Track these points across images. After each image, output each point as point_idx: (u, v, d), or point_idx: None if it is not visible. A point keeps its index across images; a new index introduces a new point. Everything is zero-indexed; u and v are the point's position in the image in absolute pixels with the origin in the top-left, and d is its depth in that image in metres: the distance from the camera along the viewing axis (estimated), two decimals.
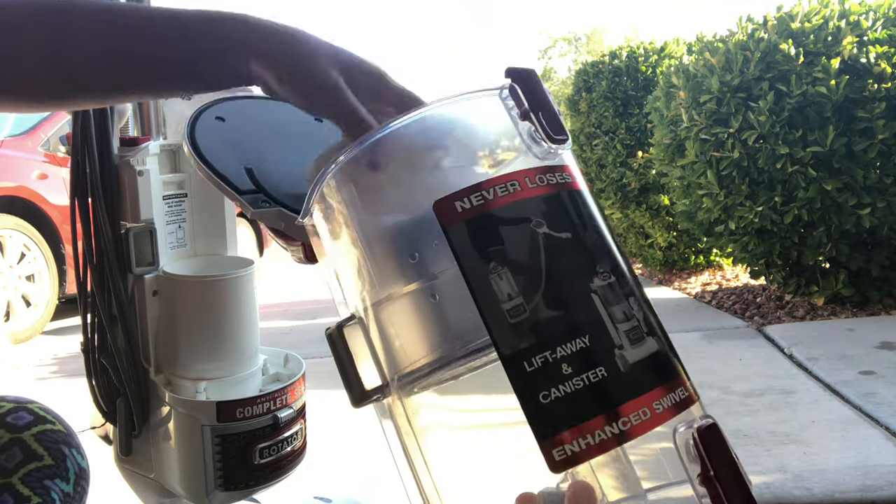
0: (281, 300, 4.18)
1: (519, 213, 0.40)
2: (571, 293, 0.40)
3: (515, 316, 0.38)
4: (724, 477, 0.37)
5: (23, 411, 0.65)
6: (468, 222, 0.40)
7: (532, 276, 0.39)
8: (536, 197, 0.41)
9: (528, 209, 0.41)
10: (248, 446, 0.91)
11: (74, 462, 0.65)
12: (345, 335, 0.45)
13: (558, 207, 0.42)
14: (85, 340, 0.96)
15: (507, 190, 0.41)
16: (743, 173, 2.71)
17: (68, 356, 3.16)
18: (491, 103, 0.46)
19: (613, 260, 0.42)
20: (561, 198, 0.42)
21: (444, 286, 0.42)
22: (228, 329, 0.94)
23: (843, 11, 2.64)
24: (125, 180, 0.91)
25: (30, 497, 0.60)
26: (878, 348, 2.22)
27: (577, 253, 0.41)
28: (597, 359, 0.38)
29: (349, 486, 1.50)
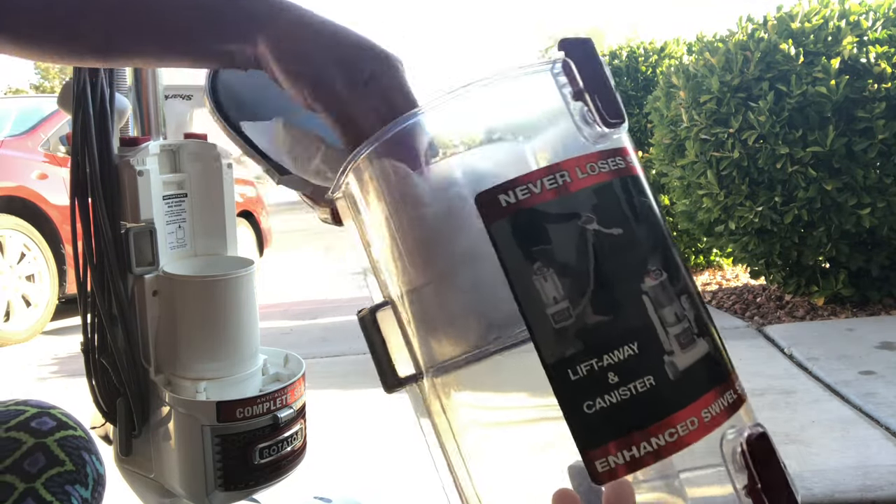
0: (281, 300, 4.18)
1: (568, 209, 0.37)
2: (621, 296, 0.37)
3: (560, 321, 0.36)
4: (772, 490, 0.35)
5: (46, 416, 0.66)
6: (512, 218, 0.37)
7: (579, 277, 0.36)
8: (587, 188, 0.38)
9: (578, 203, 0.37)
10: (248, 446, 0.91)
11: (94, 468, 0.66)
12: (377, 320, 0.42)
13: (610, 199, 0.39)
14: (85, 340, 0.96)
15: (555, 182, 0.37)
16: (743, 173, 2.71)
17: (68, 356, 3.16)
18: (542, 81, 0.41)
19: (666, 253, 0.39)
20: (613, 188, 0.39)
21: (484, 274, 0.39)
22: (228, 329, 0.94)
23: (843, 11, 2.64)
24: (125, 180, 0.91)
25: (52, 502, 0.61)
26: (878, 348, 2.22)
27: (628, 250, 0.38)
28: (645, 367, 0.36)
29: (349, 486, 1.50)
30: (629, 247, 0.38)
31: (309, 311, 3.71)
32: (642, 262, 0.38)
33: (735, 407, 0.38)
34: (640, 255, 0.38)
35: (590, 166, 0.39)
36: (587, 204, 0.38)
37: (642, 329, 0.36)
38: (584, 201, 0.38)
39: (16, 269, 3.70)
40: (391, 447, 1.71)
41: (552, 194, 0.37)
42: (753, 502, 0.35)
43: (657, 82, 3.61)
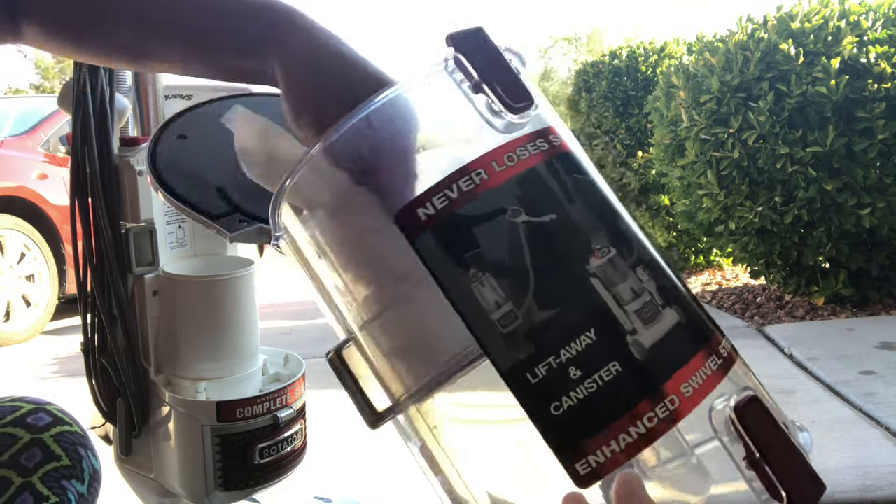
0: (281, 300, 4.18)
1: (490, 206, 0.35)
2: (566, 284, 0.34)
3: (507, 325, 0.34)
4: (774, 457, 0.32)
5: (42, 413, 0.67)
6: (435, 229, 0.35)
7: (518, 275, 0.34)
8: (509, 181, 0.35)
9: (501, 198, 0.35)
10: (248, 446, 0.91)
11: (89, 463, 0.67)
12: (345, 358, 0.40)
13: (537, 185, 0.36)
14: (85, 340, 0.96)
15: (471, 181, 0.35)
16: (743, 173, 2.71)
17: (68, 356, 3.16)
18: (440, 82, 0.39)
19: (613, 227, 0.36)
20: (539, 172, 0.36)
21: (434, 294, 0.36)
22: (228, 329, 0.94)
23: (843, 11, 2.64)
24: (125, 180, 0.91)
25: (48, 496, 0.61)
26: (878, 348, 2.22)
27: (566, 234, 0.35)
28: (607, 354, 0.33)
29: (349, 486, 1.50)
30: (567, 230, 0.35)
31: (309, 311, 3.71)
32: (585, 242, 0.35)
33: (726, 368, 0.35)
34: (582, 235, 0.36)
35: (508, 157, 0.36)
36: (511, 196, 0.35)
37: (596, 314, 0.34)
38: (506, 194, 0.35)
39: (16, 269, 3.70)
40: (391, 447, 1.71)
41: (471, 195, 0.35)
42: (757, 473, 0.32)
43: (657, 82, 3.60)
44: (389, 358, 0.39)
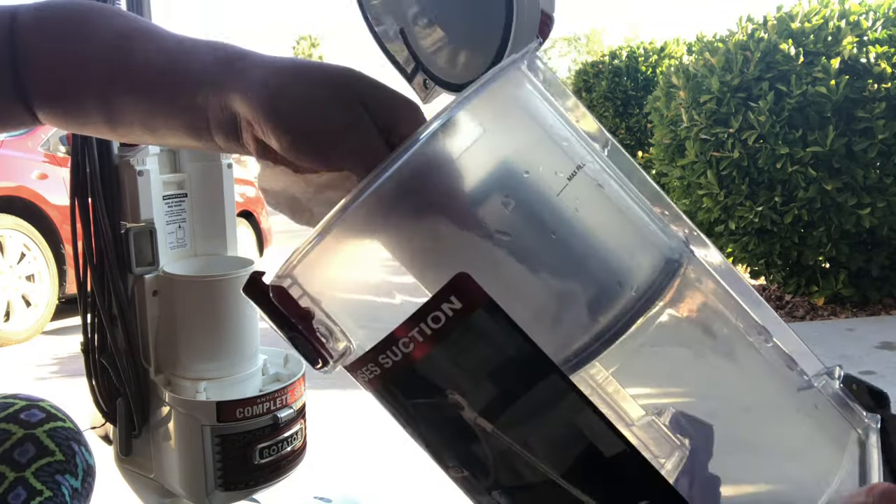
0: None
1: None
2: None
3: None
4: None
5: (35, 409, 0.67)
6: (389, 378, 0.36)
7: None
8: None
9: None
10: (248, 446, 0.91)
11: (83, 458, 0.67)
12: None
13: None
14: (85, 340, 0.96)
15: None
16: (743, 173, 2.71)
17: (68, 356, 3.16)
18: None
19: (464, 450, 0.36)
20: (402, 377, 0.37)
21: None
22: (228, 329, 0.94)
23: (843, 11, 2.64)
24: (125, 180, 0.91)
25: (42, 490, 0.62)
26: (878, 348, 2.22)
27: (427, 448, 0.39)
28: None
29: (349, 486, 1.50)
30: (425, 445, 0.40)
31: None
32: (439, 460, 0.39)
33: None
34: (436, 455, 0.40)
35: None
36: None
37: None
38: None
39: (16, 269, 3.71)
40: (391, 447, 1.71)
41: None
42: None
43: (657, 82, 3.61)
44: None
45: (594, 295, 0.38)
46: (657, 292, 0.38)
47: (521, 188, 0.38)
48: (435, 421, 0.37)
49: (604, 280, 0.38)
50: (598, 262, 0.38)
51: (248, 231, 5.29)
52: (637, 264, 0.39)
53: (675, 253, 0.40)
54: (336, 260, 0.38)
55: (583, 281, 0.38)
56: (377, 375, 0.36)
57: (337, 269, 0.39)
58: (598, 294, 0.37)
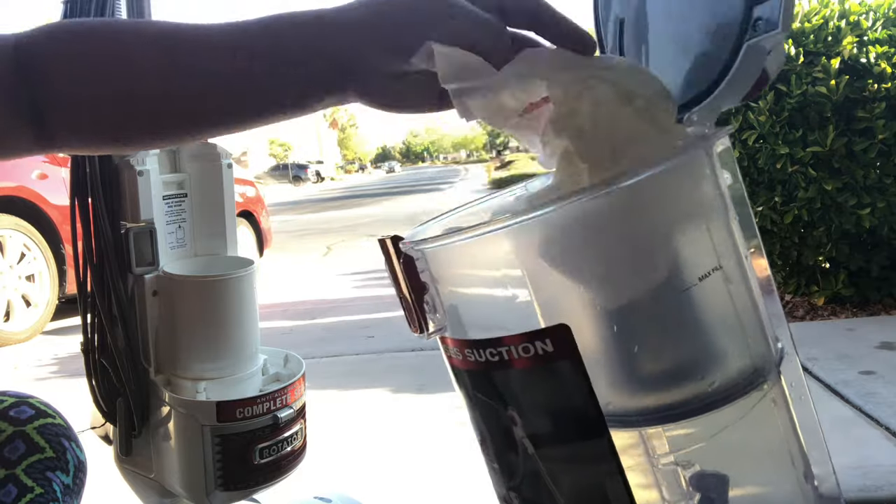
0: (281, 300, 4.18)
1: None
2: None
3: None
4: None
5: (24, 405, 0.67)
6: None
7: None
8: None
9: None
10: (248, 446, 0.91)
11: (74, 455, 0.67)
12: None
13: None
14: (85, 340, 0.96)
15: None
16: (743, 173, 2.70)
17: (68, 356, 3.16)
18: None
19: (500, 451, 0.41)
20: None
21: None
22: (228, 329, 0.94)
23: (843, 11, 2.64)
24: (125, 180, 0.91)
25: (33, 487, 0.61)
26: (878, 348, 2.22)
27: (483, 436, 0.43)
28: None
29: (349, 486, 1.50)
30: (482, 436, 0.43)
31: (309, 311, 3.71)
32: (482, 442, 0.43)
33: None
34: (484, 448, 0.43)
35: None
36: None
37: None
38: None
39: (16, 269, 3.71)
40: (391, 447, 1.71)
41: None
42: None
43: None
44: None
45: (676, 373, 0.41)
46: (731, 397, 0.40)
47: (650, 271, 0.41)
48: (488, 417, 0.41)
49: (685, 368, 0.41)
50: (692, 350, 0.41)
51: (248, 231, 5.29)
52: (725, 365, 0.41)
53: (764, 368, 0.43)
54: (469, 261, 0.42)
55: (668, 361, 0.41)
56: (459, 360, 0.41)
57: (466, 268, 0.43)
58: (678, 374, 0.41)
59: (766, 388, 0.43)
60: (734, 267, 0.42)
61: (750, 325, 0.43)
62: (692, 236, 0.42)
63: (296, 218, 11.88)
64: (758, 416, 0.43)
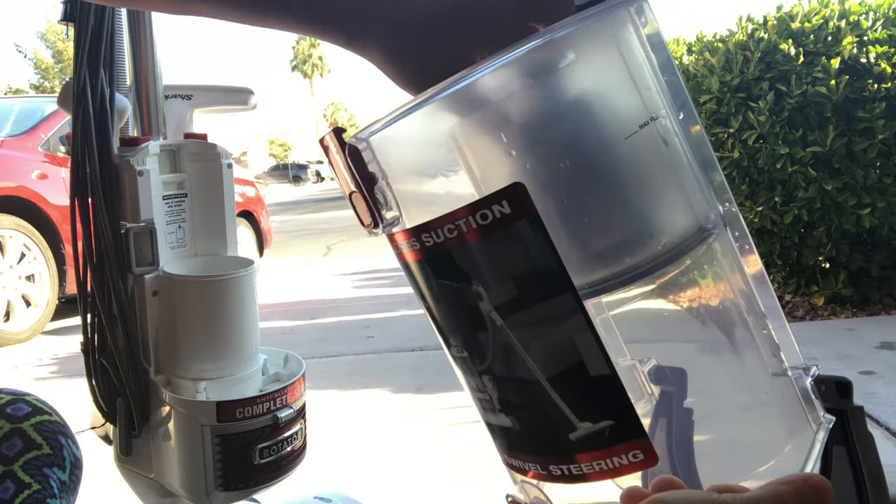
0: (281, 300, 4.18)
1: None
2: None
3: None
4: None
5: (21, 403, 0.67)
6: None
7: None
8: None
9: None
10: (248, 446, 0.91)
11: (70, 452, 0.68)
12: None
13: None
14: (85, 340, 0.96)
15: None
16: (743, 173, 2.71)
17: (68, 356, 3.16)
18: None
19: (468, 334, 0.41)
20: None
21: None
22: (228, 329, 0.94)
23: (843, 11, 2.64)
24: (125, 180, 0.91)
25: (30, 484, 0.62)
26: (878, 348, 2.22)
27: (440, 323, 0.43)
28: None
29: (349, 486, 1.50)
30: (434, 322, 0.43)
31: (309, 311, 3.71)
32: (444, 338, 0.42)
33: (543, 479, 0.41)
34: (442, 333, 0.43)
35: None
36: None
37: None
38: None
39: (16, 269, 3.71)
40: (391, 447, 1.71)
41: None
42: None
43: None
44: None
45: (625, 238, 0.41)
46: (681, 252, 0.41)
47: (595, 122, 0.41)
48: (453, 303, 0.41)
49: (638, 227, 0.41)
50: (639, 211, 0.41)
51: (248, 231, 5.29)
52: (672, 222, 0.42)
53: (709, 223, 0.43)
54: (411, 140, 0.42)
55: (620, 222, 0.41)
56: (416, 250, 0.40)
57: (409, 149, 0.42)
58: (629, 238, 0.41)
59: (713, 240, 0.44)
60: (667, 117, 0.43)
61: (689, 181, 0.44)
62: (623, 86, 0.42)
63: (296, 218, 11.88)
64: (705, 270, 0.44)
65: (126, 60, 0.97)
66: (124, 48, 0.97)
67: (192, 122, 1.07)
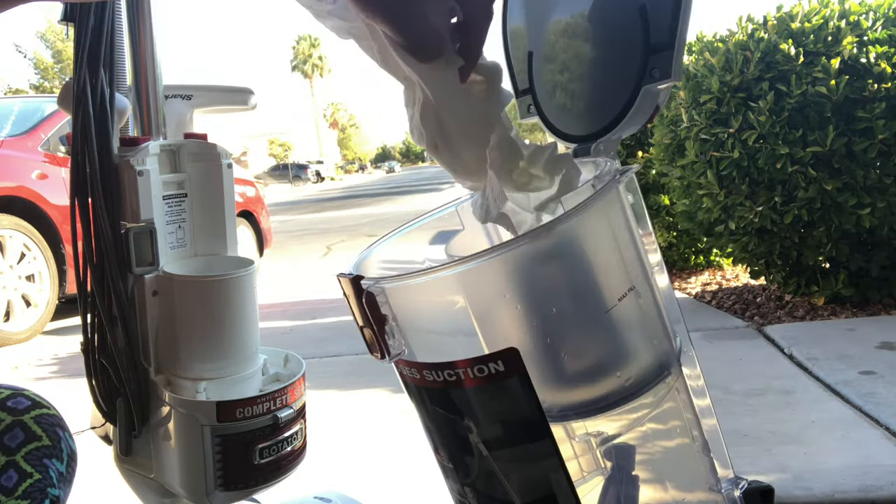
0: (281, 300, 4.18)
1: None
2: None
3: None
4: None
5: (20, 397, 0.70)
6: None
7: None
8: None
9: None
10: (248, 446, 0.91)
11: (67, 444, 0.70)
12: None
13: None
14: (85, 340, 0.96)
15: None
16: (743, 173, 2.71)
17: (68, 356, 3.16)
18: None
19: (455, 450, 0.47)
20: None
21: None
22: (228, 329, 0.94)
23: (843, 11, 2.64)
24: (125, 180, 0.91)
25: (31, 473, 0.64)
26: (878, 348, 2.22)
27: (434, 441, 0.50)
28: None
29: (349, 486, 1.50)
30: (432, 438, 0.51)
31: (309, 311, 3.71)
32: (434, 446, 0.50)
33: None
34: (434, 446, 0.50)
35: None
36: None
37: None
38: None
39: (16, 269, 3.71)
40: (391, 447, 1.71)
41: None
42: None
43: None
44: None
45: (597, 372, 0.47)
46: (642, 389, 0.47)
47: (580, 299, 0.47)
48: (444, 426, 0.46)
49: (606, 370, 0.47)
50: (611, 354, 0.47)
51: (248, 231, 5.29)
52: (637, 363, 0.48)
53: (667, 362, 0.50)
54: (424, 297, 0.48)
55: (592, 366, 0.47)
56: (416, 379, 0.46)
57: (421, 304, 0.49)
58: (599, 374, 0.47)
59: (671, 380, 0.50)
60: (643, 283, 0.49)
61: (655, 329, 0.50)
62: (611, 261, 0.48)
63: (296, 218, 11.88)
64: (664, 406, 0.51)
65: (126, 60, 0.97)
66: (124, 48, 0.96)
67: (192, 122, 1.07)
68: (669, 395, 0.50)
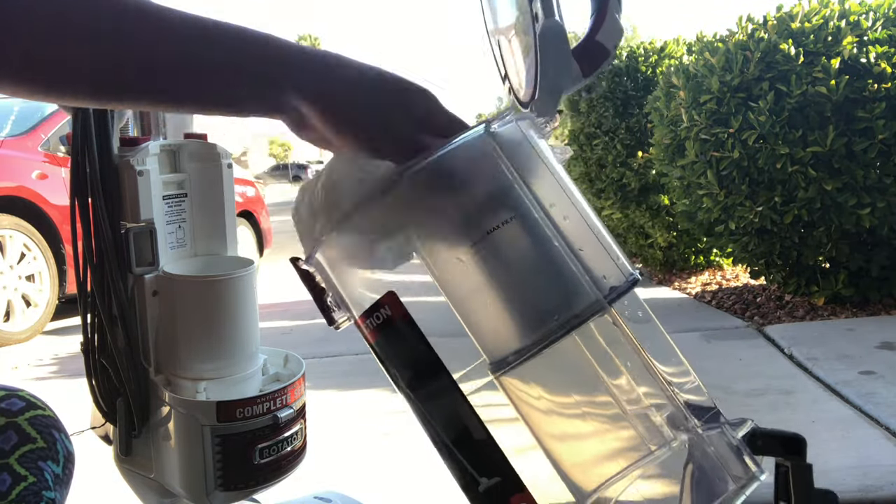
0: (281, 300, 4.18)
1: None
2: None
3: None
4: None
5: (14, 398, 0.68)
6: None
7: None
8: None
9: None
10: (249, 446, 0.91)
11: (63, 446, 0.69)
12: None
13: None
14: (85, 340, 0.96)
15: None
16: (743, 173, 2.71)
17: (68, 356, 3.16)
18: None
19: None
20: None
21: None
22: (228, 329, 0.94)
23: (843, 11, 2.64)
24: (125, 180, 0.91)
25: (26, 476, 0.63)
26: (878, 348, 2.22)
27: None
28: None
29: (349, 486, 1.50)
30: None
31: (309, 311, 3.70)
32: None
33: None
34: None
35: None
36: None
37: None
38: None
39: (16, 269, 3.71)
40: (391, 447, 1.71)
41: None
42: None
43: (657, 82, 3.61)
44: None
45: (530, 319, 0.49)
46: (575, 325, 0.48)
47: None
48: (390, 376, 0.50)
49: (539, 310, 0.49)
50: (540, 296, 0.49)
51: (248, 231, 5.29)
52: (567, 303, 0.49)
53: (601, 300, 0.50)
54: (337, 257, 0.52)
55: (524, 307, 0.49)
56: (366, 334, 0.51)
57: (343, 267, 0.52)
58: (533, 318, 0.49)
59: (606, 315, 0.50)
60: (536, 215, 0.49)
61: (565, 265, 0.49)
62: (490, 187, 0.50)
63: None
64: (600, 337, 0.51)
65: None
66: None
67: (192, 122, 1.07)
68: (605, 330, 0.50)
